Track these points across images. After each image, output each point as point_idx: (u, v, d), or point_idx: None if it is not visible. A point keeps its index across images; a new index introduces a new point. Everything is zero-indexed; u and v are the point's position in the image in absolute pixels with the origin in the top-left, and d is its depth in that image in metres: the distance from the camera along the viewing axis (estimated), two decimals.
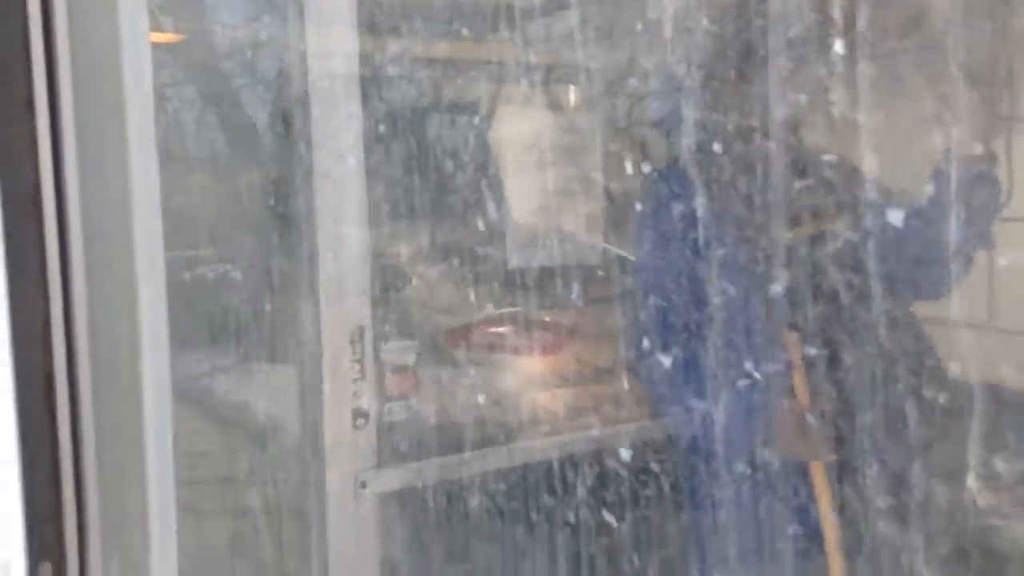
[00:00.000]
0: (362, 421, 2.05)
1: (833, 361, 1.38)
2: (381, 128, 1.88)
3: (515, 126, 2.00)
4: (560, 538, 1.38)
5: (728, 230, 1.50)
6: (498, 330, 2.06)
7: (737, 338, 1.47)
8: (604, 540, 1.30)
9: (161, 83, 1.89)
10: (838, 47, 1.27)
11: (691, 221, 1.48)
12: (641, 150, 1.82)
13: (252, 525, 1.76)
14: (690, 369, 1.57)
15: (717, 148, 1.38)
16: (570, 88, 2.26)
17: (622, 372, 1.69)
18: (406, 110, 1.99)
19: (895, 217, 1.29)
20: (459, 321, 2.08)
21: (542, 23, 2.00)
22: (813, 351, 1.38)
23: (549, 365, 1.94)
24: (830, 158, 1.44)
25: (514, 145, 1.99)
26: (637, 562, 1.29)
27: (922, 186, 1.33)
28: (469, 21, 2.02)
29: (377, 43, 2.03)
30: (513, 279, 1.90)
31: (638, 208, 1.62)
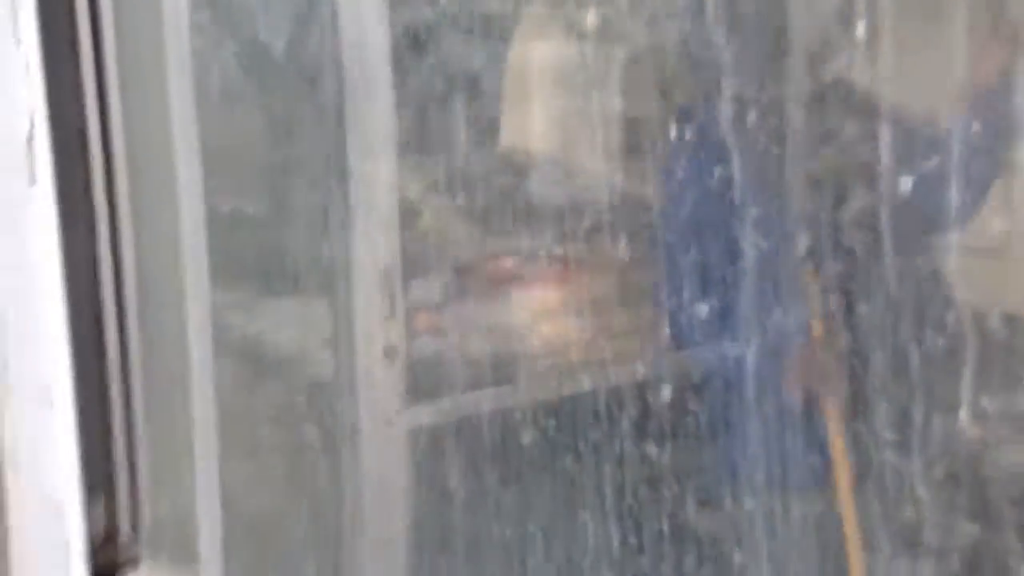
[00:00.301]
0: (391, 358, 2.06)
1: (852, 295, 1.39)
2: (407, 52, 1.84)
3: (535, 49, 1.97)
4: (587, 472, 1.41)
5: (756, 161, 1.50)
6: (526, 264, 2.06)
7: (767, 267, 1.47)
8: (645, 470, 1.32)
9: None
10: None
11: (723, 154, 1.47)
12: (672, 82, 1.80)
13: (289, 460, 1.79)
14: (720, 306, 1.58)
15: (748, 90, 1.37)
16: (594, 10, 2.21)
17: (654, 309, 1.69)
18: (428, 30, 1.95)
19: (930, 147, 1.28)
20: (487, 255, 2.08)
21: None
22: (836, 280, 1.38)
23: (582, 297, 1.95)
24: (860, 87, 1.43)
25: (534, 70, 1.96)
26: (676, 488, 1.32)
27: (950, 115, 1.33)
28: None
29: None
30: (541, 212, 1.89)
31: (671, 137, 1.61)
